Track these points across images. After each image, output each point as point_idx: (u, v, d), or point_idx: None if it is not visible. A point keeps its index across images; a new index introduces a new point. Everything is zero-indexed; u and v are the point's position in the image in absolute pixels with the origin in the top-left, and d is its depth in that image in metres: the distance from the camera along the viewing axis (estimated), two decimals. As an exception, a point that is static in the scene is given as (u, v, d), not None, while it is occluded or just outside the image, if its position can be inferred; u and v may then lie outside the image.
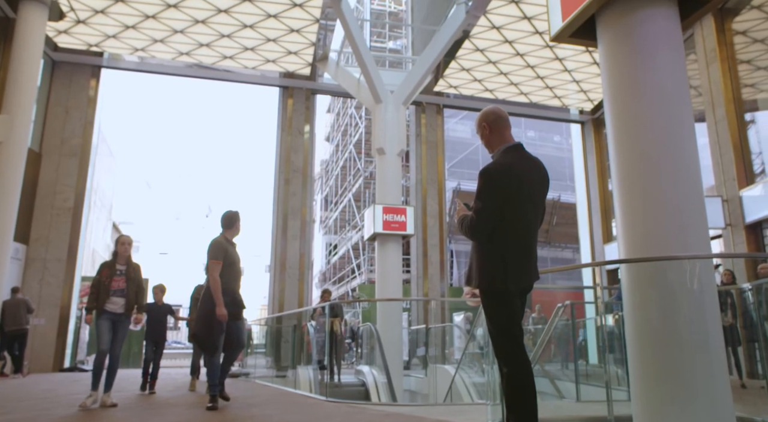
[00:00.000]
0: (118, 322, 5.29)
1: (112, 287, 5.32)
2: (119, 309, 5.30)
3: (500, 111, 2.95)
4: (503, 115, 2.93)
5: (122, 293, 5.35)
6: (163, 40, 12.00)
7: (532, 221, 2.75)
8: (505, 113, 2.95)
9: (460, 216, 2.88)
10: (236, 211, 5.46)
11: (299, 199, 13.99)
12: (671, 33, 3.53)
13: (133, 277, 5.47)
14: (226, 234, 5.31)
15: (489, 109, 2.96)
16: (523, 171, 2.75)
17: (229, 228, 5.33)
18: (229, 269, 5.13)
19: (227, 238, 5.28)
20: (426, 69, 11.38)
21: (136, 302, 5.48)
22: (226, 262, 5.11)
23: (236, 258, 5.30)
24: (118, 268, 5.43)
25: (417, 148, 15.30)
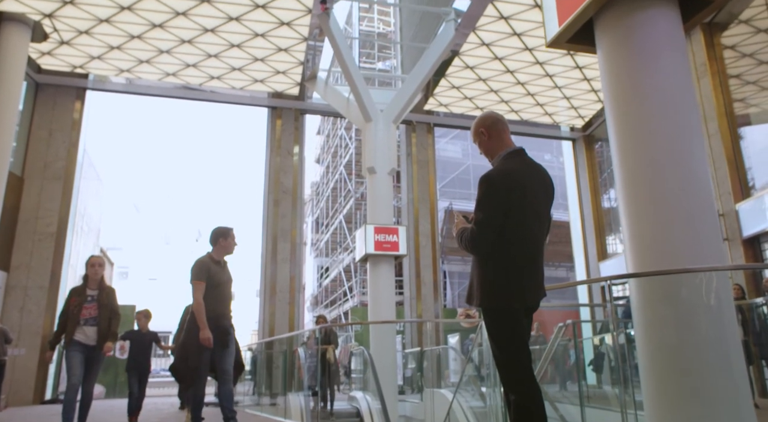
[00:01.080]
0: (91, 355, 4.78)
1: (83, 315, 4.82)
2: (91, 340, 4.79)
3: (497, 114, 2.75)
4: (501, 119, 2.73)
5: (94, 322, 4.84)
6: (149, 61, 11.82)
7: (538, 233, 2.53)
8: (502, 117, 2.75)
9: (459, 229, 2.65)
10: (223, 227, 5.02)
11: (289, 221, 13.74)
12: (673, 34, 3.37)
13: (106, 303, 4.94)
14: (213, 252, 4.92)
15: (485, 114, 2.76)
16: (526, 178, 2.53)
17: (215, 246, 4.93)
18: (213, 291, 4.70)
19: (213, 257, 4.86)
20: (416, 86, 11.25)
21: (110, 331, 4.93)
22: (210, 283, 4.70)
23: (222, 279, 4.83)
24: (88, 294, 4.92)
25: (408, 167, 15.14)
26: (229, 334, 4.80)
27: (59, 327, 4.84)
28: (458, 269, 25.26)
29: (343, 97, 12.45)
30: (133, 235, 44.18)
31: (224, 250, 4.93)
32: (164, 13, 10.28)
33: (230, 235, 4.94)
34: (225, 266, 4.94)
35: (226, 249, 4.93)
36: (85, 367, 4.79)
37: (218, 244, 4.91)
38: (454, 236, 2.68)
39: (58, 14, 10.12)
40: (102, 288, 5.02)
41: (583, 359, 9.68)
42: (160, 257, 44.13)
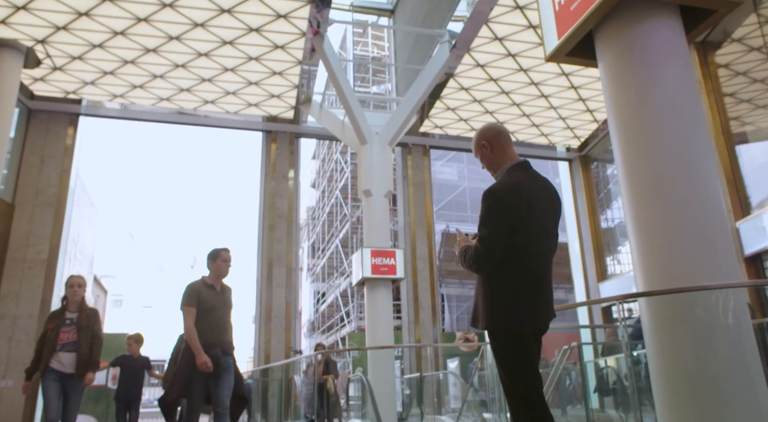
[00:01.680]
0: (69, 385, 4.41)
1: (60, 340, 4.47)
2: (68, 367, 4.42)
3: (499, 126, 2.63)
4: (503, 131, 2.61)
5: (72, 347, 4.48)
6: (143, 86, 11.75)
7: (546, 249, 2.38)
8: (504, 128, 2.63)
9: (461, 248, 2.50)
10: (215, 249, 4.75)
11: (284, 246, 13.56)
12: (676, 44, 3.28)
13: (86, 326, 4.56)
14: (207, 276, 4.70)
15: (487, 126, 2.64)
16: (532, 191, 2.39)
17: (209, 269, 4.70)
18: (205, 317, 4.44)
19: (206, 281, 4.62)
20: (411, 108, 11.20)
21: (91, 358, 4.54)
22: (201, 309, 4.44)
23: (216, 304, 4.54)
24: (67, 317, 4.57)
25: (404, 190, 15.04)
26: (221, 363, 4.46)
27: (35, 354, 4.54)
28: (456, 292, 25.03)
29: (338, 120, 12.40)
30: (128, 263, 43.79)
31: (216, 273, 4.69)
32: (158, 38, 10.24)
33: (219, 257, 4.68)
34: (223, 291, 4.70)
35: (218, 272, 4.69)
36: (64, 399, 4.43)
37: (210, 267, 4.69)
38: (457, 255, 2.54)
39: (50, 40, 10.07)
40: (82, 310, 4.67)
41: (587, 382, 9.48)
42: (154, 285, 43.70)
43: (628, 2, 3.27)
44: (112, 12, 9.46)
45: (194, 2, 9.36)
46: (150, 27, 9.91)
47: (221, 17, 9.76)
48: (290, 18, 9.88)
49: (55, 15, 9.47)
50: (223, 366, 4.44)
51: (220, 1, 9.39)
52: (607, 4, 3.22)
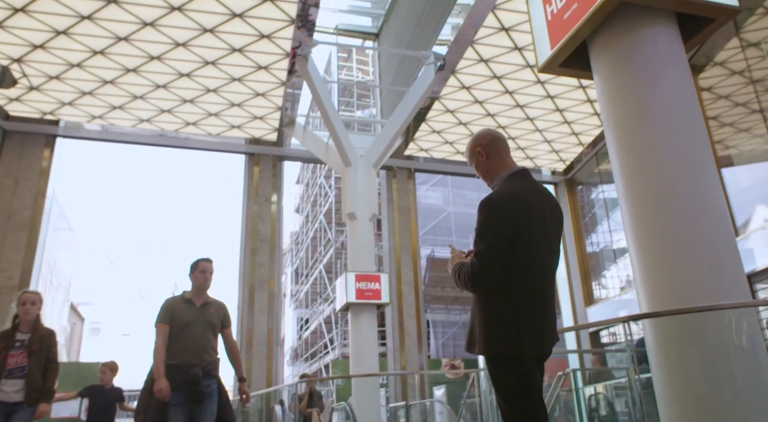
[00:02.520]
0: (14, 416, 3.82)
1: (8, 365, 3.88)
2: (14, 396, 3.82)
3: (495, 132, 2.45)
4: (500, 137, 2.43)
5: (21, 372, 3.89)
6: (123, 107, 11.51)
7: (549, 264, 2.17)
8: (501, 134, 2.44)
9: (455, 265, 2.28)
10: (197, 259, 4.34)
11: (267, 270, 13.24)
12: (675, 52, 3.14)
13: (38, 350, 3.98)
14: (187, 291, 4.28)
15: (482, 132, 2.46)
16: (534, 200, 2.19)
17: (190, 281, 4.30)
18: (180, 333, 4.00)
19: (185, 296, 4.22)
20: (396, 130, 11.08)
21: (44, 386, 3.99)
22: (175, 325, 4.02)
23: (191, 319, 4.06)
24: (17, 339, 3.99)
25: (389, 214, 14.84)
26: (201, 386, 3.97)
27: None
28: (442, 318, 24.71)
29: (322, 142, 12.23)
30: (107, 289, 42.86)
31: (195, 286, 4.27)
32: (138, 58, 10.05)
33: (197, 268, 4.27)
34: (205, 306, 4.22)
35: (196, 285, 4.26)
36: None
37: (191, 280, 4.33)
38: (450, 272, 2.33)
39: (27, 59, 9.84)
40: (35, 330, 4.09)
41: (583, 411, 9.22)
42: (134, 312, 42.77)
43: (624, 10, 3.14)
44: (91, 31, 9.27)
45: (176, 22, 9.21)
46: (130, 46, 9.72)
47: (203, 37, 9.61)
48: (274, 38, 9.75)
49: (32, 33, 9.26)
50: (203, 390, 3.98)
51: (202, 21, 9.25)
52: (603, 11, 3.09)
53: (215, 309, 4.31)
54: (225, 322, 4.39)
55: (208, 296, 4.35)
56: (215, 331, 4.26)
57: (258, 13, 9.13)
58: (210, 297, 4.34)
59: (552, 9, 3.48)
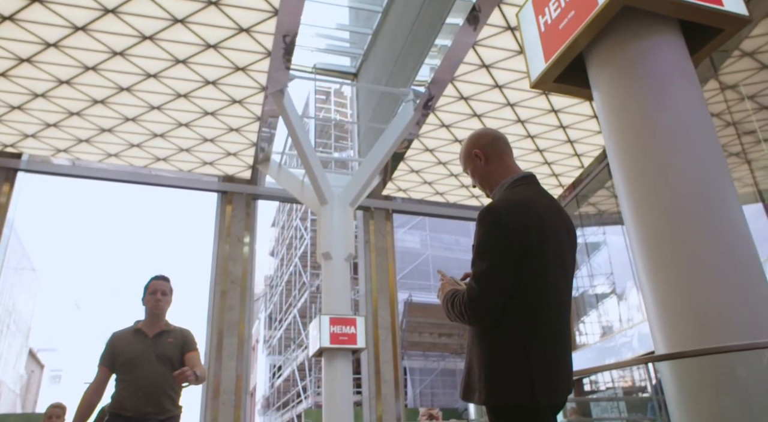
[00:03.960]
0: None
1: None
2: None
3: (495, 132, 2.07)
4: (501, 137, 2.05)
5: None
6: (89, 140, 11.04)
7: (564, 290, 1.77)
8: (503, 135, 2.07)
9: (447, 293, 1.87)
10: (152, 277, 3.65)
11: (237, 314, 12.60)
12: (681, 63, 2.86)
13: None
14: (140, 320, 3.59)
15: (480, 131, 2.08)
16: (544, 210, 1.81)
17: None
18: (124, 374, 3.33)
19: (137, 326, 3.54)
20: (374, 167, 10.77)
21: None
22: (119, 364, 3.37)
23: (139, 354, 3.37)
24: None
25: (366, 256, 14.40)
26: None
27: None
28: (419, 365, 23.99)
29: (298, 180, 11.86)
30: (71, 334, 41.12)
31: (147, 312, 3.57)
32: (106, 88, 9.66)
33: (147, 289, 3.59)
34: (160, 336, 3.49)
35: (148, 310, 3.56)
36: None
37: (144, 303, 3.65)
38: (440, 302, 1.92)
39: (-12, 88, 9.38)
40: None
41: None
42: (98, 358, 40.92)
43: (625, 18, 2.86)
44: (57, 59, 8.88)
45: (146, 51, 8.88)
46: (98, 76, 9.34)
47: (175, 68, 9.28)
48: (249, 71, 9.47)
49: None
50: None
51: (174, 51, 8.94)
52: (604, 16, 2.81)
53: (174, 338, 3.54)
54: (186, 346, 3.58)
55: (168, 323, 3.60)
56: (174, 366, 3.43)
57: (233, 44, 8.86)
58: (170, 325, 3.61)
59: (546, 20, 3.20)
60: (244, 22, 8.42)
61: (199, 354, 3.64)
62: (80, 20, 8.20)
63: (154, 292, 3.56)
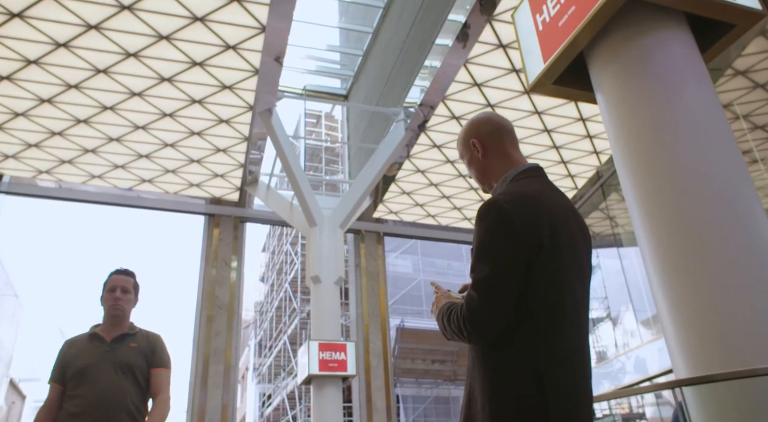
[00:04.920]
0: None
1: None
2: None
3: (498, 118, 1.80)
4: (504, 125, 1.78)
5: None
6: (72, 161, 10.75)
7: (582, 303, 1.50)
8: (507, 122, 1.81)
9: (442, 307, 1.59)
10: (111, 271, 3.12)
11: (223, 340, 12.18)
12: (692, 60, 2.64)
13: None
14: (97, 324, 3.05)
15: (480, 117, 1.81)
16: (556, 209, 1.55)
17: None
18: (79, 385, 2.77)
19: (93, 329, 3.01)
20: (365, 188, 10.54)
21: None
22: (71, 373, 2.81)
23: (93, 362, 2.82)
24: None
25: (357, 280, 14.07)
26: None
27: None
28: (412, 392, 23.44)
29: (287, 202, 11.59)
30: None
31: (105, 314, 3.01)
32: (90, 108, 9.42)
33: (105, 286, 3.06)
34: (120, 341, 2.95)
35: (106, 310, 3.00)
36: None
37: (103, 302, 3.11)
38: (435, 318, 1.65)
39: (-33, 106, 9.12)
40: None
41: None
42: (84, 388, 39.83)
43: (629, 12, 2.65)
44: (39, 77, 8.65)
45: (131, 69, 8.67)
46: (81, 95, 9.11)
47: (161, 86, 9.06)
48: (236, 90, 9.27)
49: (-27, 78, 8.60)
50: None
51: (159, 69, 8.74)
52: (608, 9, 2.59)
53: (138, 343, 2.99)
54: (154, 359, 3.00)
55: (132, 326, 3.07)
56: (137, 376, 2.90)
57: (220, 62, 8.67)
58: (135, 328, 3.06)
59: (544, 18, 3.00)
60: (231, 39, 8.24)
61: (168, 374, 3.04)
62: (62, 37, 7.99)
63: (112, 289, 3.03)
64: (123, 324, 3.03)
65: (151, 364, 2.98)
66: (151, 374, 2.96)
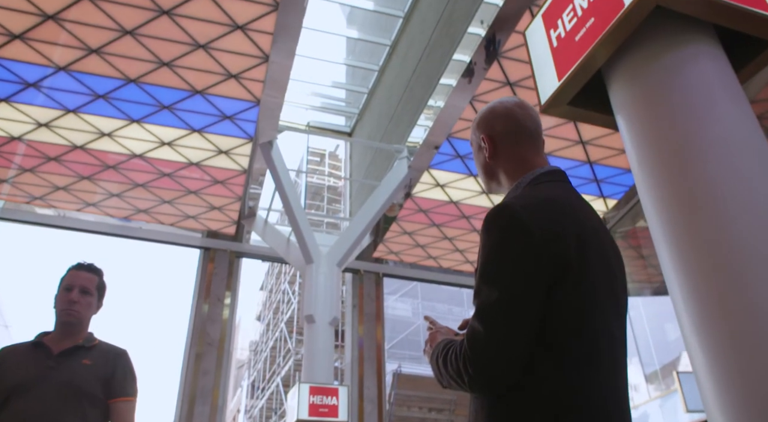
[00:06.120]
0: None
1: None
2: None
3: (521, 113, 1.44)
4: (526, 124, 1.43)
5: None
6: (66, 188, 10.51)
7: (619, 340, 1.16)
8: (530, 120, 1.47)
9: (437, 345, 1.26)
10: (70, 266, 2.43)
11: (211, 379, 11.67)
12: (725, 76, 2.36)
13: None
14: (46, 332, 2.39)
15: (497, 110, 1.44)
16: (585, 217, 1.22)
17: None
18: (11, 404, 2.08)
19: (42, 338, 2.33)
20: (365, 225, 10.24)
21: None
22: (3, 388, 2.12)
23: (33, 378, 2.15)
24: None
25: (353, 321, 13.61)
26: None
27: None
28: (408, 443, 22.53)
29: (284, 238, 11.28)
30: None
31: (56, 319, 2.35)
32: (88, 133, 9.24)
33: (61, 285, 2.38)
34: (70, 354, 2.26)
35: (58, 315, 2.34)
36: None
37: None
38: (428, 360, 1.32)
39: (-38, 128, 8.95)
40: None
41: None
42: None
43: (654, 25, 2.40)
44: (36, 100, 8.49)
45: (130, 95, 8.51)
46: (80, 120, 8.95)
47: (159, 114, 8.89)
48: (237, 120, 9.09)
49: (-31, 98, 8.45)
50: None
51: (159, 96, 8.57)
52: (631, 20, 2.34)
53: (94, 360, 2.28)
54: (114, 386, 2.28)
55: (91, 338, 2.37)
56: (84, 406, 2.16)
57: (221, 90, 8.51)
58: (93, 340, 2.37)
59: (559, 33, 2.75)
60: (233, 67, 8.09)
61: (133, 406, 2.33)
62: (62, 60, 7.85)
63: (69, 288, 2.34)
64: (78, 334, 2.34)
65: (109, 392, 2.26)
66: (110, 407, 2.25)
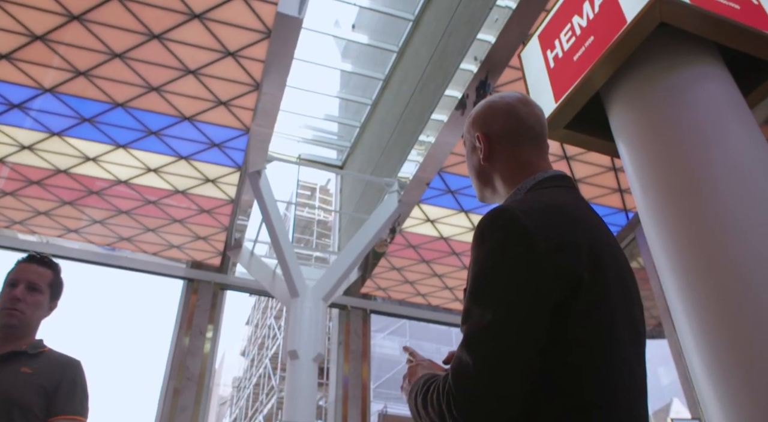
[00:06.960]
0: None
1: None
2: None
3: (525, 110, 1.22)
4: (529, 123, 1.21)
5: None
6: (48, 213, 10.25)
7: (639, 372, 0.95)
8: (534, 119, 1.26)
9: (417, 380, 1.04)
10: (19, 259, 2.09)
11: (189, 416, 11.20)
12: (732, 98, 2.22)
13: None
14: None
15: (497, 106, 1.24)
16: (597, 229, 1.02)
17: None
18: None
19: None
20: (352, 260, 10.00)
21: None
22: None
23: None
24: None
25: (338, 358, 13.23)
26: None
27: None
28: (391, 488, 21.77)
29: (270, 270, 11.01)
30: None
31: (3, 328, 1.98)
32: (72, 157, 9.04)
33: (6, 280, 2.03)
34: (11, 360, 1.91)
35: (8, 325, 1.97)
36: None
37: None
38: (405, 398, 1.10)
39: (-58, 148, 8.73)
40: None
41: None
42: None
43: (655, 44, 2.26)
44: (19, 122, 8.31)
45: (116, 120, 8.35)
46: (63, 143, 8.75)
47: (146, 139, 8.73)
48: (225, 148, 8.94)
49: (-49, 118, 8.26)
50: None
51: (146, 121, 8.42)
52: (634, 38, 2.20)
53: (36, 369, 1.91)
54: (57, 402, 1.88)
55: (37, 344, 2.01)
56: (14, 417, 1.77)
57: (209, 118, 8.38)
58: (39, 347, 2.01)
59: (556, 53, 2.61)
60: (223, 94, 7.98)
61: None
62: (49, 81, 7.72)
63: (14, 284, 1.99)
64: (21, 338, 1.97)
65: (52, 409, 1.86)
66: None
